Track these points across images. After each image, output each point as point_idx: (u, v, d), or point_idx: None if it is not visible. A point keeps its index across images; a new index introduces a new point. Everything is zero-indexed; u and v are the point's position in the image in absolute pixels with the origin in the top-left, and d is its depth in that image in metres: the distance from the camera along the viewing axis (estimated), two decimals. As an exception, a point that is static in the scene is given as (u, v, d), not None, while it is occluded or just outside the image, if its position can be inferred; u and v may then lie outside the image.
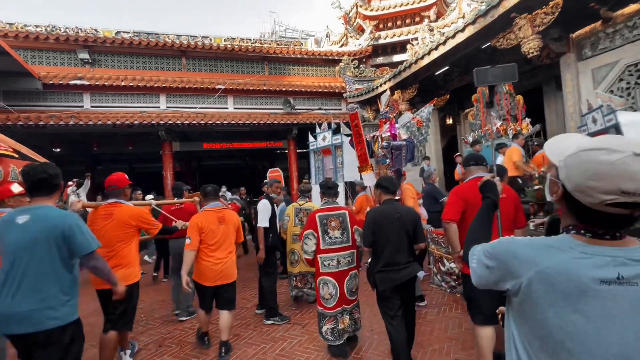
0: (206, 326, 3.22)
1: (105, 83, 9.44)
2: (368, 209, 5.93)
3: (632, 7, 4.69)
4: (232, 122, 10.18)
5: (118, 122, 9.03)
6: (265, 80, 11.58)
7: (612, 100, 4.78)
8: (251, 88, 11.07)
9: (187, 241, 2.88)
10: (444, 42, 6.78)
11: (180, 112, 10.32)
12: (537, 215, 4.21)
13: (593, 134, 5.35)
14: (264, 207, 3.64)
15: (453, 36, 6.48)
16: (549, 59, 6.06)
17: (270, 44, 12.94)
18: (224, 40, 11.09)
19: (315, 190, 7.84)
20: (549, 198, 0.94)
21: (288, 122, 10.91)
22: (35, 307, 1.68)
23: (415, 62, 7.77)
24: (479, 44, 6.46)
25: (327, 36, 14.06)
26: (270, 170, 11.31)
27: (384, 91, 9.69)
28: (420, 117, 5.84)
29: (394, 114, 6.00)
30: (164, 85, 10.13)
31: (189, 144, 11.27)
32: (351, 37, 13.36)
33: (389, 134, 5.68)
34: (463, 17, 9.74)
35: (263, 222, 3.58)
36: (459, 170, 8.07)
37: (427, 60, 7.47)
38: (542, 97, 7.64)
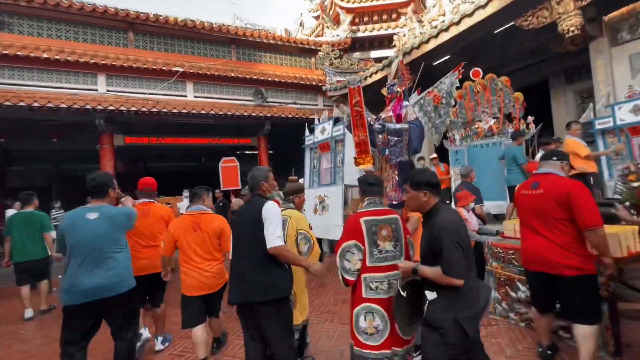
0: (204, 350, 2.83)
1: (18, 53, 7.13)
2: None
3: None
4: (193, 111, 8.39)
5: (35, 105, 6.79)
6: (233, 66, 9.94)
7: None
8: (216, 74, 9.37)
9: (162, 245, 2.94)
10: (458, 22, 5.88)
11: (125, 97, 8.27)
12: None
13: (621, 127, 4.57)
14: (279, 215, 2.14)
15: (471, 14, 5.59)
16: (574, 45, 5.41)
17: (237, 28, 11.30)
18: (181, 21, 9.26)
19: (309, 193, 6.42)
20: None
21: (260, 114, 9.37)
22: (112, 278, 2.28)
23: (418, 46, 6.81)
24: (499, 25, 5.67)
25: (300, 25, 12.81)
26: (223, 159, 9.11)
27: (374, 82, 8.69)
28: (439, 90, 3.96)
29: (403, 88, 4.46)
30: (103, 62, 8.04)
31: (136, 138, 9.10)
32: (327, 27, 12.26)
33: (391, 113, 4.27)
34: (444, 14, 9.19)
35: (280, 237, 2.08)
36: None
37: (432, 44, 6.54)
38: (547, 92, 7.13)
